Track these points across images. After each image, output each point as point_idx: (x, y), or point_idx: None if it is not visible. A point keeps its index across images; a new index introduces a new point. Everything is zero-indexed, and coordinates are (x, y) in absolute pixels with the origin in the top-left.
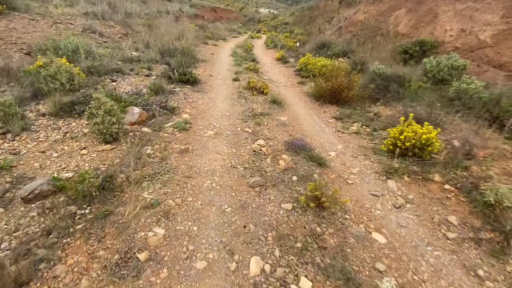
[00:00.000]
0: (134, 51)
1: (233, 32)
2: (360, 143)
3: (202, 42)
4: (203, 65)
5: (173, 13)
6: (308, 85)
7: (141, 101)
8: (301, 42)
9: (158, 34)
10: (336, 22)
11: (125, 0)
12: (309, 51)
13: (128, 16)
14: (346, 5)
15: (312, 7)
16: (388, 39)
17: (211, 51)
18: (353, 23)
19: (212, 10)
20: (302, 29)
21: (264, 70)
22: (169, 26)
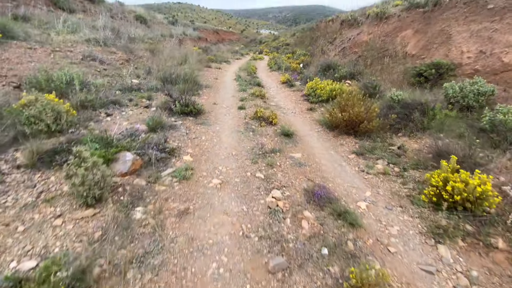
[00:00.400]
0: (134, 78)
1: (235, 54)
2: (392, 188)
3: (206, 65)
4: (206, 91)
5: (177, 37)
6: (318, 111)
7: (136, 144)
8: (304, 63)
9: (161, 59)
10: (339, 43)
11: (130, 25)
12: (314, 73)
13: (132, 41)
14: (348, 26)
15: (313, 28)
16: (396, 60)
17: (214, 75)
18: (358, 44)
19: (214, 32)
20: (304, 50)
21: (270, 95)
22: (173, 50)
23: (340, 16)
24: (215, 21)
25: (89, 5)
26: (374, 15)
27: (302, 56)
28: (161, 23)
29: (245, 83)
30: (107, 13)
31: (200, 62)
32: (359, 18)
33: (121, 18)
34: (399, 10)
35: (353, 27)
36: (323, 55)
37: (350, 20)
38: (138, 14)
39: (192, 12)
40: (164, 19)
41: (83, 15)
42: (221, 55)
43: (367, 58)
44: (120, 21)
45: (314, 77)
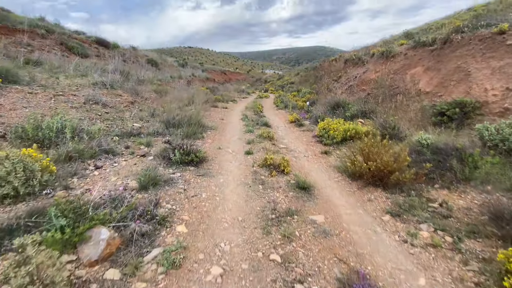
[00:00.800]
0: (137, 122)
1: (242, 93)
2: (451, 271)
3: (212, 105)
4: (211, 134)
5: (186, 78)
6: (334, 155)
7: (117, 215)
8: (310, 101)
9: (167, 100)
10: (345, 81)
11: (141, 67)
12: (322, 111)
13: (141, 82)
14: (352, 64)
15: (316, 67)
16: (410, 98)
17: (220, 115)
18: (365, 82)
19: (222, 73)
20: (309, 88)
21: (279, 135)
22: (180, 90)
23: (343, 56)
24: (223, 63)
25: (104, 51)
26: (379, 54)
27: (308, 94)
28: (171, 65)
29: (252, 123)
30: (120, 57)
31: (206, 102)
32: (363, 57)
33: (133, 62)
34: (405, 49)
35: (357, 65)
36: (329, 93)
37: (354, 59)
38: (149, 58)
39: (202, 56)
40: (174, 62)
41: (97, 59)
42: (228, 95)
43: (377, 95)
44: (132, 64)
45: (323, 115)
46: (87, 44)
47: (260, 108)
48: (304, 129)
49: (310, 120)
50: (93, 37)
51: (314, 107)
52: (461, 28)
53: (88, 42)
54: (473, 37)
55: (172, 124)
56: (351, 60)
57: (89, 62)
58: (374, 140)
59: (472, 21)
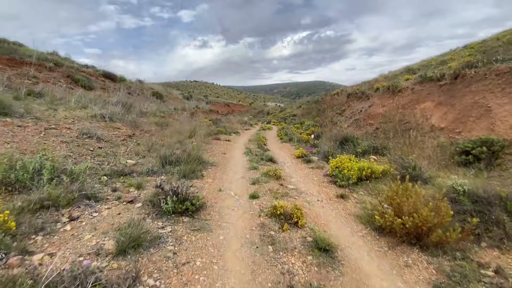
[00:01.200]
0: (132, 157)
1: (245, 125)
2: None
3: (214, 137)
4: (212, 171)
5: (190, 110)
6: (352, 199)
7: None
8: (315, 134)
9: (167, 134)
10: (350, 115)
11: (145, 100)
12: (331, 147)
13: (143, 115)
14: (355, 98)
15: (318, 100)
16: (424, 134)
17: (223, 149)
18: (372, 116)
19: (226, 105)
20: (312, 120)
21: (286, 173)
22: (183, 123)
23: (345, 90)
24: (226, 95)
25: (110, 83)
26: (385, 88)
27: (312, 127)
28: (176, 98)
29: (256, 157)
30: (125, 90)
31: (209, 135)
32: (367, 91)
33: (138, 94)
34: (412, 84)
35: (361, 99)
36: (334, 126)
37: (357, 93)
38: (154, 91)
39: (207, 89)
40: (179, 94)
41: (102, 92)
42: (230, 126)
43: (387, 130)
44: (137, 97)
45: (332, 151)
46: (94, 77)
47: (263, 141)
48: (313, 166)
49: (318, 155)
50: (101, 71)
51: (319, 140)
52: (473, 63)
53: (95, 75)
54: (489, 72)
55: (169, 161)
56: (354, 94)
57: (93, 94)
58: (403, 187)
59: (483, 56)
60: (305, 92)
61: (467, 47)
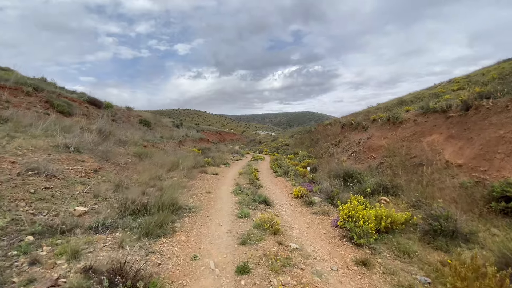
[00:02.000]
0: (87, 202)
1: (236, 154)
2: None
3: (201, 170)
4: (189, 222)
5: (178, 138)
6: (377, 267)
7: None
8: (311, 167)
9: (146, 166)
10: (347, 146)
11: (130, 127)
12: (333, 184)
13: (122, 144)
14: (350, 129)
15: (311, 130)
16: (438, 171)
17: (208, 186)
18: (373, 149)
19: (217, 133)
20: (306, 151)
21: (285, 221)
22: (168, 153)
23: (339, 120)
24: (218, 124)
25: (94, 110)
26: (384, 120)
27: (307, 159)
28: (165, 126)
29: (247, 198)
30: (109, 117)
31: (194, 167)
32: (363, 122)
33: (124, 122)
34: (414, 115)
35: (357, 130)
36: (331, 158)
37: (352, 124)
38: (142, 118)
39: (199, 117)
40: (170, 122)
41: (83, 118)
42: (220, 156)
43: (394, 165)
44: (123, 124)
45: (336, 190)
46: (77, 103)
47: (255, 174)
48: (316, 211)
49: (320, 195)
50: (86, 97)
51: (316, 174)
52: (490, 93)
53: (79, 101)
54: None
55: (132, 210)
56: (348, 125)
57: (71, 121)
58: (471, 266)
59: (497, 86)
60: (295, 122)
61: (451, 82)
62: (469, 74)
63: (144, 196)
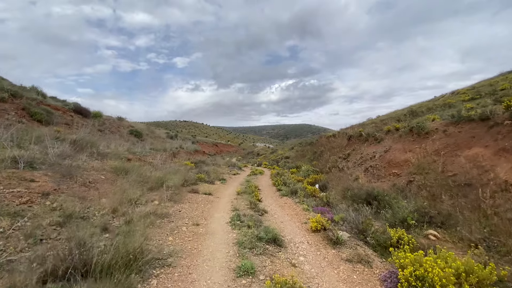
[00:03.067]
0: (7, 249)
1: (233, 168)
2: None
3: (191, 189)
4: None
5: (171, 150)
6: None
7: None
8: (320, 184)
9: (125, 185)
10: (359, 160)
11: (119, 138)
12: (347, 204)
13: (101, 157)
14: (359, 141)
15: (313, 142)
16: (499, 195)
17: (196, 214)
18: (395, 164)
19: (214, 145)
20: (309, 164)
21: (307, 277)
22: (155, 167)
23: (345, 132)
24: (215, 135)
25: (80, 119)
26: (405, 130)
27: (312, 173)
28: (158, 137)
29: (250, 235)
30: (96, 126)
31: (184, 185)
32: (376, 133)
33: (113, 132)
34: (442, 125)
35: (368, 142)
36: (341, 173)
37: (361, 135)
38: (132, 129)
39: (196, 129)
40: (164, 133)
41: (64, 128)
42: (216, 170)
43: (429, 185)
44: (111, 134)
45: (369, 221)
46: (61, 111)
47: (257, 194)
48: (349, 256)
49: (346, 226)
50: (71, 105)
51: (328, 192)
52: None
53: (63, 110)
54: None
55: (65, 269)
56: (356, 137)
57: (47, 130)
58: None
59: None
60: (292, 134)
61: (454, 93)
62: (474, 86)
63: (101, 234)
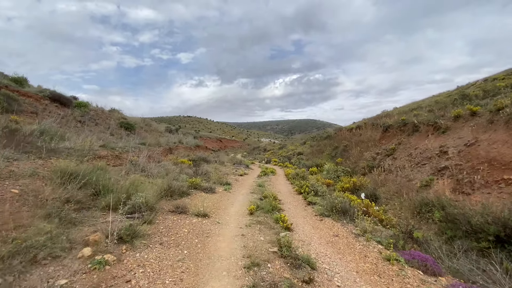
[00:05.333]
0: None
1: (239, 166)
2: None
3: (175, 206)
4: None
5: (168, 145)
6: None
7: None
8: (366, 192)
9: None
10: (417, 158)
11: (105, 130)
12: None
13: (56, 153)
14: (402, 132)
15: (330, 136)
16: None
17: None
18: (504, 165)
19: (218, 140)
20: (332, 162)
21: None
22: (132, 168)
23: (376, 122)
24: (220, 131)
25: (56, 108)
26: (507, 113)
27: (343, 175)
28: (156, 131)
29: None
30: (75, 117)
31: (165, 197)
32: (438, 120)
33: (97, 124)
34: None
35: (420, 133)
36: (389, 175)
37: (407, 124)
38: (122, 121)
39: (200, 124)
40: (164, 127)
41: (27, 117)
42: (218, 170)
43: None
44: (95, 126)
45: None
46: (33, 98)
47: (283, 217)
48: None
49: None
50: (47, 92)
51: (385, 206)
52: None
53: (36, 97)
54: None
55: None
56: (398, 127)
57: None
58: None
59: None
60: (297, 129)
61: (487, 80)
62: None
63: None
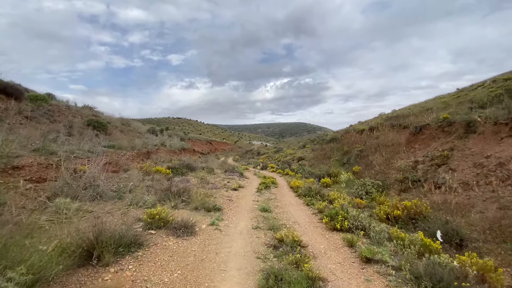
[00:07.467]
0: None
1: (232, 175)
2: None
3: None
4: None
5: (146, 148)
6: None
7: None
8: (442, 234)
9: None
10: (499, 171)
11: (61, 129)
12: None
13: None
14: (446, 134)
15: (336, 138)
16: None
17: None
18: None
19: (208, 142)
20: (346, 170)
21: None
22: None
23: (398, 123)
24: (210, 133)
25: None
26: None
27: (375, 191)
28: (135, 131)
29: None
30: (21, 112)
31: (93, 256)
32: None
33: (54, 121)
34: None
35: (484, 135)
36: (446, 195)
37: (453, 124)
38: (91, 119)
39: (189, 126)
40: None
41: None
42: (205, 181)
43: None
44: (51, 124)
45: None
46: None
47: None
48: None
49: None
50: None
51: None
52: None
53: None
54: None
55: None
56: (438, 128)
57: None
58: None
59: None
60: (287, 132)
61: (495, 81)
62: None
63: None
